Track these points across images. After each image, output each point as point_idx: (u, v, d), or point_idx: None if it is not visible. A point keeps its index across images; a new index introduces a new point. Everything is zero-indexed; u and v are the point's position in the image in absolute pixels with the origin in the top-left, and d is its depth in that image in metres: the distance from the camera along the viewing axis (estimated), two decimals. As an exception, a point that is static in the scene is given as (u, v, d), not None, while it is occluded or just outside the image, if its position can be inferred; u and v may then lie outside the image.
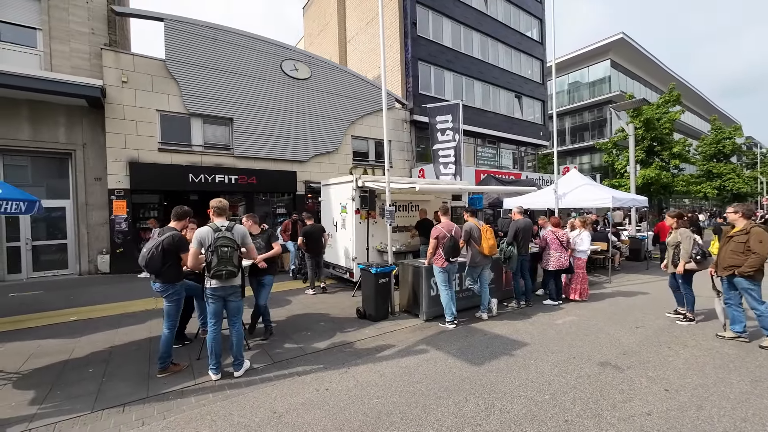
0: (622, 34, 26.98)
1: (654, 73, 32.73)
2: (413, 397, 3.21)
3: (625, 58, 29.55)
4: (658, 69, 32.20)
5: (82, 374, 3.72)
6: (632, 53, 29.24)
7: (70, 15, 9.40)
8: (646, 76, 32.56)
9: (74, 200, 9.61)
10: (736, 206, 4.56)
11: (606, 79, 28.86)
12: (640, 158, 19.74)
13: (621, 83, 29.15)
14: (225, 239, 3.42)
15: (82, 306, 6.39)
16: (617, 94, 27.48)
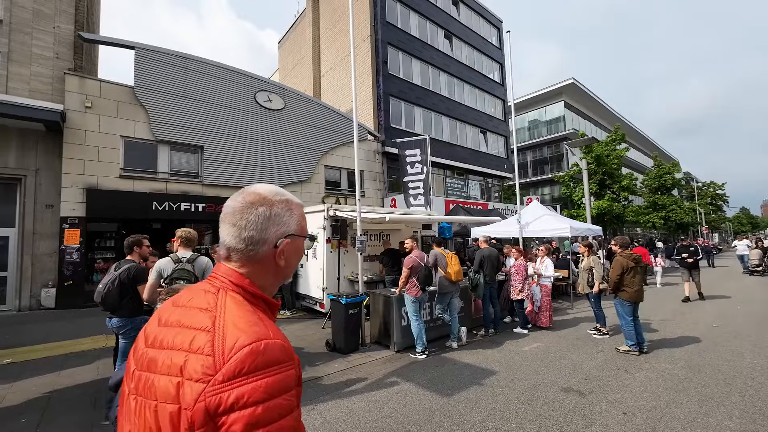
0: (572, 79, 29.89)
1: (602, 113, 36.21)
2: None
3: (576, 100, 32.58)
4: (605, 110, 35.70)
5: (14, 425, 3.32)
6: (582, 96, 32.34)
7: (33, 39, 9.16)
8: (596, 117, 35.92)
9: (20, 228, 8.89)
10: (615, 239, 5.69)
11: (561, 118, 31.50)
12: (594, 191, 21.30)
13: (574, 122, 31.90)
14: (183, 271, 3.30)
15: (20, 346, 5.76)
16: (571, 131, 29.97)
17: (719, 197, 44.26)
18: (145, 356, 0.70)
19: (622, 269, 5.22)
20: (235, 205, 0.80)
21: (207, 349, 0.63)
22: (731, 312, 7.84)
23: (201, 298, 0.73)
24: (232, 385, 0.59)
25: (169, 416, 0.61)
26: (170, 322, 0.72)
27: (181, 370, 0.63)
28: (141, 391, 0.68)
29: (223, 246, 0.78)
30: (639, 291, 5.24)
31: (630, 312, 5.19)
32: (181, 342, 0.66)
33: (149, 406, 0.64)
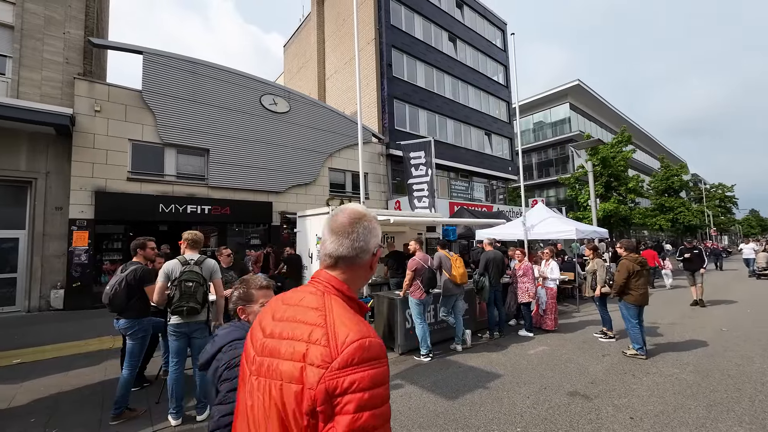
0: (578, 81, 29.75)
1: (608, 115, 35.96)
2: (387, 436, 3.12)
3: (582, 102, 32.41)
4: (611, 112, 35.46)
5: (22, 424, 3.37)
6: (588, 97, 32.15)
7: (44, 45, 9.34)
8: (601, 118, 35.69)
9: (30, 230, 9.03)
10: (621, 242, 5.65)
11: (566, 120, 31.33)
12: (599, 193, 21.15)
13: (580, 124, 31.71)
14: (191, 273, 3.33)
15: (29, 347, 5.84)
16: (577, 133, 29.80)
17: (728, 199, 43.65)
18: (265, 345, 0.86)
19: (629, 273, 5.18)
20: (343, 221, 0.94)
21: (323, 341, 0.77)
22: (740, 316, 7.72)
23: (310, 298, 0.88)
24: (346, 373, 0.72)
25: (294, 393, 0.75)
26: (286, 317, 0.88)
27: (304, 357, 0.77)
28: (264, 372, 0.83)
29: (331, 256, 0.93)
30: (644, 294, 5.19)
31: (635, 315, 5.15)
32: (301, 334, 0.81)
33: (275, 385, 0.79)
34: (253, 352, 0.89)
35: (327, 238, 0.95)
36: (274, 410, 0.78)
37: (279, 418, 0.77)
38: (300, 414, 0.74)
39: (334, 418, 0.71)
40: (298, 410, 0.74)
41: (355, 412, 0.70)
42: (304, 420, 0.73)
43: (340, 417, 0.71)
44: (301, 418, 0.74)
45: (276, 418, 0.77)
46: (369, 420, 0.71)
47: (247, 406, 0.86)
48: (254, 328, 0.95)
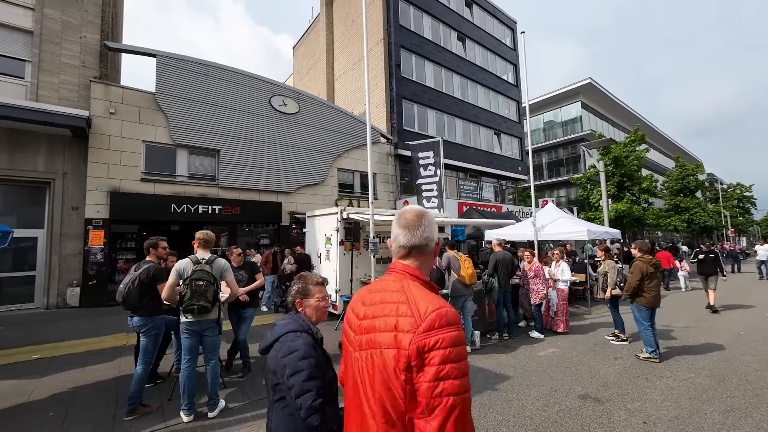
0: (589, 79, 29.28)
1: (620, 114, 35.30)
2: (395, 436, 3.12)
3: (593, 101, 31.88)
4: (624, 110, 34.79)
5: (41, 418, 3.47)
6: (600, 96, 31.62)
7: (62, 49, 9.59)
8: (614, 117, 35.04)
9: (48, 230, 9.28)
10: (635, 243, 5.51)
11: (578, 119, 30.86)
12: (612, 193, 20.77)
13: (592, 123, 31.19)
14: (201, 272, 3.38)
15: (47, 343, 6.01)
16: (588, 132, 29.32)
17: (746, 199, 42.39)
18: (362, 325, 1.09)
19: (642, 274, 5.08)
20: (411, 217, 1.16)
21: (409, 313, 0.98)
22: (759, 320, 7.50)
23: (392, 284, 1.10)
24: (431, 335, 0.93)
25: (392, 356, 0.96)
26: (375, 301, 1.10)
27: (396, 327, 0.99)
28: (365, 346, 1.05)
29: (405, 246, 1.14)
30: (657, 297, 5.08)
31: (648, 317, 5.05)
32: (390, 311, 1.03)
33: (376, 353, 1.01)
34: (353, 333, 1.12)
35: (399, 233, 1.15)
36: (377, 371, 0.99)
37: (382, 377, 0.98)
38: (399, 370, 0.94)
39: (423, 369, 0.92)
40: (396, 368, 0.95)
41: (439, 364, 0.91)
42: (402, 375, 0.94)
43: (428, 368, 0.91)
44: (400, 373, 0.94)
45: (379, 377, 0.98)
46: (450, 370, 0.91)
47: (354, 373, 1.08)
48: (349, 316, 1.19)
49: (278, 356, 1.48)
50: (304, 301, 1.73)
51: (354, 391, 1.08)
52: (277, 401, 1.47)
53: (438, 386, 0.90)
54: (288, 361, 1.44)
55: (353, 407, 1.08)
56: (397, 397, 0.95)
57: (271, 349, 1.56)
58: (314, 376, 1.42)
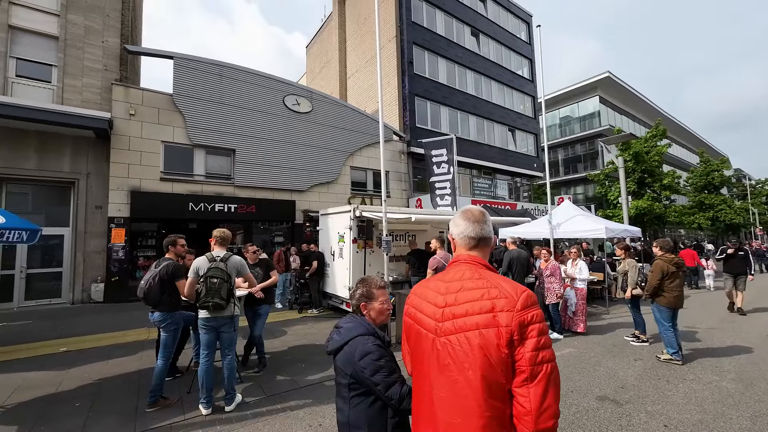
0: (608, 73, 28.44)
1: (641, 108, 34.18)
2: (408, 433, 3.13)
3: (612, 95, 30.97)
4: (645, 105, 33.67)
5: (69, 408, 3.62)
6: (619, 90, 30.69)
7: (85, 53, 9.93)
8: (634, 112, 33.96)
9: (73, 228, 9.66)
10: (657, 241, 5.33)
11: (595, 114, 30.06)
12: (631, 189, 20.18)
13: (610, 118, 30.33)
14: (216, 270, 3.45)
15: (73, 336, 6.27)
16: (607, 128, 28.53)
17: (776, 196, 40.44)
18: (445, 313, 1.16)
19: (663, 274, 4.91)
20: (477, 213, 1.32)
21: (502, 295, 1.10)
22: (790, 321, 7.16)
23: (469, 273, 1.21)
24: (527, 311, 1.07)
25: (494, 334, 1.06)
26: (453, 289, 1.19)
27: (492, 309, 1.09)
28: (455, 330, 1.12)
29: (475, 238, 1.28)
30: (679, 297, 4.90)
31: (669, 318, 4.88)
32: (479, 296, 1.13)
33: (473, 334, 1.09)
34: (433, 321, 1.18)
35: (468, 226, 1.28)
36: (476, 350, 1.07)
37: (483, 354, 1.06)
38: (501, 346, 1.05)
39: (524, 342, 1.04)
40: (499, 344, 1.05)
41: (537, 336, 1.05)
42: (505, 349, 1.04)
43: (528, 340, 1.04)
44: (503, 348, 1.05)
45: (480, 354, 1.06)
46: (546, 341, 1.06)
47: (439, 357, 1.14)
48: (421, 308, 1.25)
49: (354, 360, 1.61)
50: (368, 304, 1.83)
51: (437, 374, 1.15)
52: (353, 397, 1.62)
53: (538, 355, 1.04)
54: (366, 363, 1.58)
55: (429, 389, 1.16)
56: (499, 370, 1.05)
57: (340, 351, 1.69)
58: (394, 371, 1.60)
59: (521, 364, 1.04)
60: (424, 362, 1.20)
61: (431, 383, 1.16)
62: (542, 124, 14.29)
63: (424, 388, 1.20)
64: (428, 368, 1.18)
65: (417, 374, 1.26)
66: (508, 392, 1.06)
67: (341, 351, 1.68)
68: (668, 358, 4.85)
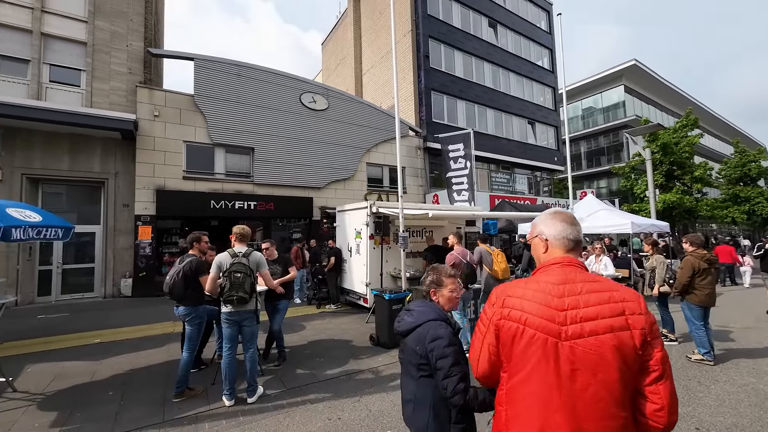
0: (634, 61, 27.24)
1: (669, 97, 32.59)
2: (427, 429, 3.13)
3: (638, 84, 29.65)
4: (674, 93, 32.08)
5: (103, 397, 3.82)
6: (646, 79, 29.35)
7: (111, 57, 10.32)
8: (661, 101, 32.42)
9: (104, 226, 10.12)
10: (687, 236, 5.10)
11: (620, 104, 28.88)
12: (659, 182, 19.32)
13: (636, 108, 29.08)
14: (239, 265, 3.54)
15: (106, 329, 6.59)
16: (632, 118, 27.37)
17: (820, 188, 37.80)
18: (568, 316, 1.13)
19: (693, 270, 4.69)
20: (571, 216, 1.36)
21: (627, 298, 1.14)
22: (836, 321, 6.70)
23: (578, 275, 1.22)
24: (649, 313, 1.14)
25: (628, 336, 1.09)
26: (574, 291, 1.17)
27: (624, 311, 1.11)
28: (586, 334, 1.10)
29: (575, 240, 1.31)
30: (710, 295, 4.66)
31: (700, 317, 4.66)
32: (606, 298, 1.14)
33: (608, 337, 1.09)
34: (553, 325, 1.14)
35: (566, 228, 1.30)
36: (612, 353, 1.07)
37: (619, 357, 1.08)
38: (637, 347, 1.08)
39: (653, 343, 1.10)
40: (635, 345, 1.08)
41: (659, 336, 1.13)
42: (641, 350, 1.09)
43: (656, 340, 1.11)
44: (639, 349, 1.09)
45: (616, 357, 1.08)
46: (661, 339, 1.14)
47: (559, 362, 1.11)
48: (526, 310, 1.19)
49: (425, 341, 1.68)
50: (437, 291, 1.92)
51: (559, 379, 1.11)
52: (421, 377, 1.71)
53: (664, 353, 1.11)
54: (434, 346, 1.64)
55: (541, 392, 1.13)
56: (633, 372, 1.09)
57: (412, 332, 1.77)
58: (458, 362, 1.62)
59: (653, 363, 1.09)
60: (530, 364, 1.16)
61: (547, 387, 1.12)
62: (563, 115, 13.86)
63: (529, 391, 1.16)
64: (541, 371, 1.13)
65: (514, 377, 1.20)
66: (637, 390, 1.11)
67: (413, 332, 1.76)
68: (699, 358, 4.64)
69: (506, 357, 1.23)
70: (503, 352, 1.23)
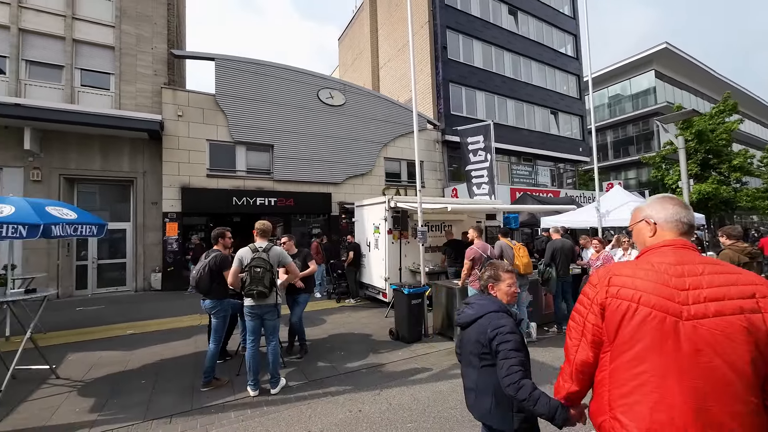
0: (666, 44, 25.74)
1: (705, 81, 30.66)
2: (448, 424, 3.11)
3: (670, 68, 28.03)
4: (710, 77, 30.14)
5: (136, 385, 4.01)
6: (679, 62, 27.69)
7: (137, 60, 10.71)
8: (696, 85, 30.55)
9: (134, 223, 10.59)
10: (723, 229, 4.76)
11: (650, 90, 27.42)
12: (693, 172, 18.29)
13: (667, 94, 27.53)
14: (259, 260, 3.61)
15: (138, 321, 6.92)
16: (664, 105, 25.95)
17: None
18: (690, 296, 1.11)
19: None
20: (684, 201, 1.34)
21: (754, 280, 1.12)
22: None
23: (695, 256, 1.22)
24: None
25: (760, 319, 1.06)
26: (695, 272, 1.15)
27: (754, 294, 1.08)
28: (707, 314, 1.09)
29: (691, 224, 1.30)
30: None
31: None
32: (732, 280, 1.12)
33: (736, 318, 1.07)
34: (674, 304, 1.13)
35: (680, 211, 1.29)
36: (742, 335, 1.05)
37: (750, 340, 1.05)
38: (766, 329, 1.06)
39: None
40: (764, 327, 1.05)
41: None
42: None
43: None
44: None
45: (746, 340, 1.05)
46: None
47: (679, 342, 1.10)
48: (639, 288, 1.18)
49: (487, 331, 1.76)
50: (495, 285, 2.01)
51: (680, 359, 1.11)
52: (483, 366, 1.79)
53: None
54: (496, 333, 1.72)
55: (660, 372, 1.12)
56: (766, 356, 1.06)
57: (473, 323, 1.86)
58: (518, 349, 1.67)
59: None
60: (642, 343, 1.15)
61: (662, 366, 1.12)
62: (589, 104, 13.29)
63: (640, 371, 1.15)
64: (656, 350, 1.13)
65: (620, 357, 1.20)
66: (765, 378, 1.07)
67: (474, 323, 1.85)
68: None
69: (610, 337, 1.21)
70: (607, 331, 1.22)
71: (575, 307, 1.35)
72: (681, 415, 1.07)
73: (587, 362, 1.28)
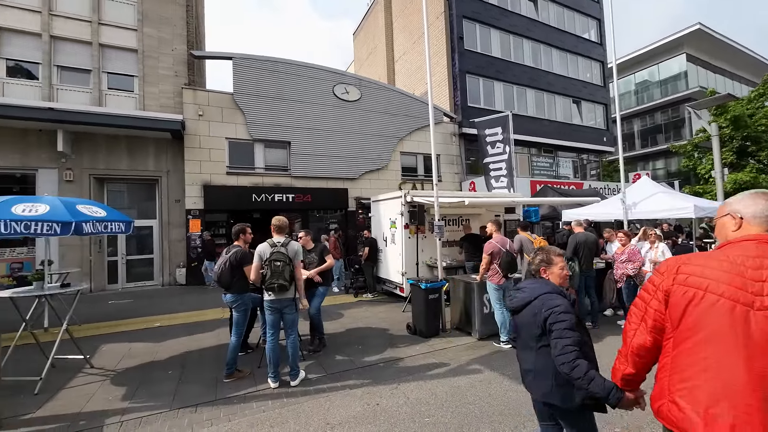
0: (699, 25, 24.24)
1: (742, 63, 28.74)
2: (466, 419, 3.09)
3: (704, 51, 26.41)
4: (747, 58, 28.22)
5: (163, 375, 4.18)
6: (713, 44, 26.05)
7: (159, 62, 11.03)
8: (732, 68, 28.69)
9: (159, 220, 11.00)
10: None
11: (681, 75, 25.96)
12: (729, 161, 17.27)
13: (700, 78, 25.99)
14: (278, 254, 3.68)
15: (164, 314, 7.21)
16: (696, 90, 24.53)
17: None
18: (766, 287, 1.13)
19: None
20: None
21: None
22: None
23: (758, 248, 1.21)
24: None
25: None
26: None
27: None
28: None
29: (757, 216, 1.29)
30: None
31: None
32: None
33: None
34: (747, 294, 1.14)
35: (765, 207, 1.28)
36: None
37: None
38: None
39: None
40: None
41: None
42: None
43: None
44: None
45: None
46: None
47: (749, 331, 1.11)
48: (711, 277, 1.20)
49: (541, 311, 1.79)
50: (547, 269, 2.03)
51: (750, 348, 1.12)
52: (540, 348, 1.83)
53: None
54: (551, 312, 1.76)
55: (727, 360, 1.14)
56: None
57: (526, 307, 1.90)
58: (572, 328, 1.69)
59: None
60: (707, 330, 1.17)
61: (727, 354, 1.14)
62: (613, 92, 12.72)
63: (703, 356, 1.17)
64: (722, 337, 1.15)
65: (683, 343, 1.23)
66: None
67: (528, 306, 1.88)
68: None
69: (673, 323, 1.25)
70: (671, 317, 1.25)
71: (639, 293, 1.39)
72: (745, 401, 1.08)
73: (644, 346, 1.33)
